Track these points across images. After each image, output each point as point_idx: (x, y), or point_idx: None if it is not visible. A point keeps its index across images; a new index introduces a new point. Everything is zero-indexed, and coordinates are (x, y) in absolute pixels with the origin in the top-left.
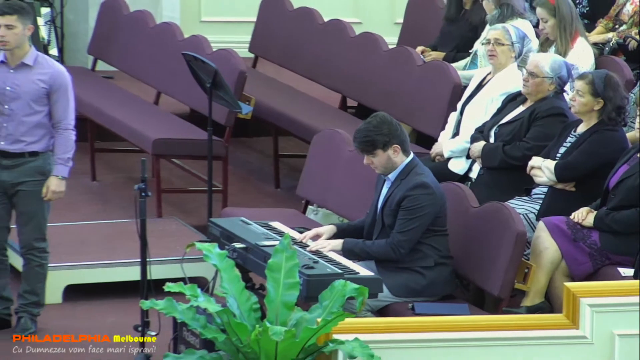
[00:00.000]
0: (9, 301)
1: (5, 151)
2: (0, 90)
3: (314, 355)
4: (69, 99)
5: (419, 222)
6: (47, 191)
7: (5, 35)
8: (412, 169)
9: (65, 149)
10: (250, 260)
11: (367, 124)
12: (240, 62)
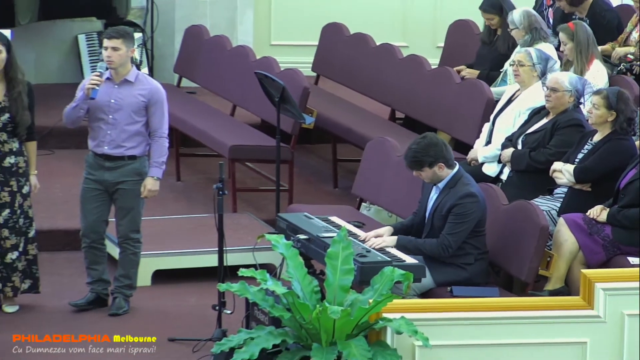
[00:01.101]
0: (107, 283)
1: (108, 155)
2: (105, 102)
3: (366, 331)
4: (164, 112)
5: (466, 226)
6: (144, 190)
7: (112, 56)
8: (459, 180)
9: (160, 153)
10: (312, 250)
11: (416, 145)
12: (304, 80)
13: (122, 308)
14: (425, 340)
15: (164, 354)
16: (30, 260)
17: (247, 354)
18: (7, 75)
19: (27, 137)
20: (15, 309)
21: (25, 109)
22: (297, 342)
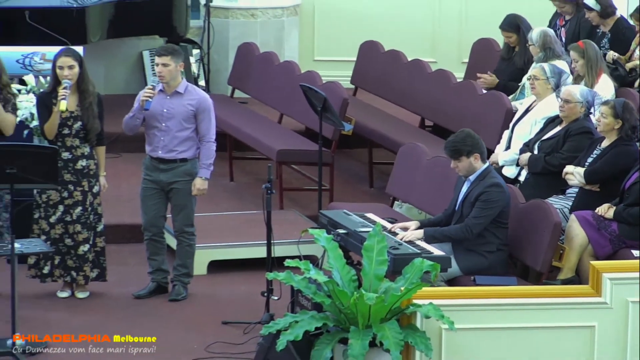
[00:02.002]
0: (166, 272)
1: (162, 158)
2: (159, 112)
3: (398, 316)
4: (211, 119)
5: (490, 212)
6: (194, 188)
7: (162, 72)
8: (488, 173)
9: (208, 156)
10: (350, 243)
11: (455, 136)
12: (344, 91)
13: (180, 294)
14: (451, 323)
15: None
16: (98, 252)
17: (292, 335)
18: (79, 88)
19: (97, 143)
20: (86, 294)
21: (95, 118)
22: (336, 325)
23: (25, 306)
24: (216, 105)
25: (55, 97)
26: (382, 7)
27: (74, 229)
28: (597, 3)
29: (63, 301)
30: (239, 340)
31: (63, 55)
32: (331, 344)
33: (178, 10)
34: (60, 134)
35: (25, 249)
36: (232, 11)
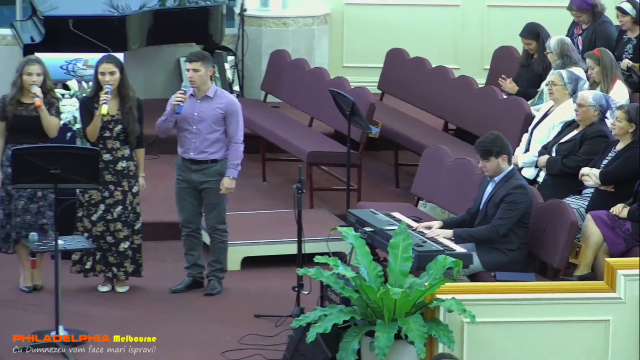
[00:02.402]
0: (201, 267)
1: (194, 159)
2: (190, 115)
3: (422, 310)
4: (239, 121)
5: (515, 213)
6: (222, 187)
7: (193, 77)
8: (513, 175)
9: (236, 157)
10: (377, 240)
11: (486, 138)
12: (371, 96)
13: (215, 289)
14: (472, 317)
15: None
16: (134, 249)
17: (321, 328)
18: (120, 93)
19: (136, 145)
20: (126, 289)
21: (135, 122)
22: (363, 318)
23: (68, 300)
24: (249, 109)
25: (97, 101)
26: (408, 16)
27: (114, 227)
28: (633, 8)
29: (104, 295)
30: (270, 333)
31: (105, 62)
32: (358, 337)
33: (214, 19)
34: (101, 137)
35: (68, 245)
36: (265, 20)
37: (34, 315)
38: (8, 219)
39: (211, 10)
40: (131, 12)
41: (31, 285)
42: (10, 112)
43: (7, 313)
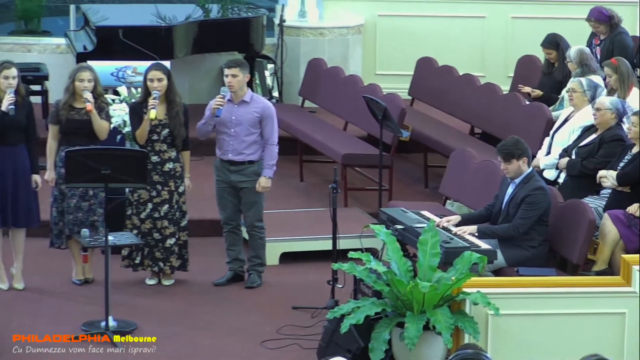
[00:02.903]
0: (242, 262)
1: (232, 160)
2: (227, 119)
3: (449, 302)
4: (274, 124)
5: (535, 212)
6: (259, 186)
7: (231, 82)
8: (532, 177)
9: (271, 157)
10: (407, 237)
11: (507, 141)
12: (402, 102)
13: (255, 282)
14: (496, 310)
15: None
16: (181, 245)
17: (355, 319)
18: (167, 98)
19: (182, 147)
20: (172, 282)
21: (181, 126)
22: (394, 310)
23: (117, 292)
24: (288, 114)
25: (146, 106)
26: (437, 27)
27: (161, 224)
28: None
29: (151, 288)
30: (307, 324)
31: (153, 69)
32: (389, 327)
33: (255, 29)
34: (149, 140)
35: (117, 241)
36: (303, 30)
37: (85, 306)
38: (61, 216)
39: (252, 20)
40: (177, 23)
41: (83, 278)
42: (63, 116)
43: (61, 304)
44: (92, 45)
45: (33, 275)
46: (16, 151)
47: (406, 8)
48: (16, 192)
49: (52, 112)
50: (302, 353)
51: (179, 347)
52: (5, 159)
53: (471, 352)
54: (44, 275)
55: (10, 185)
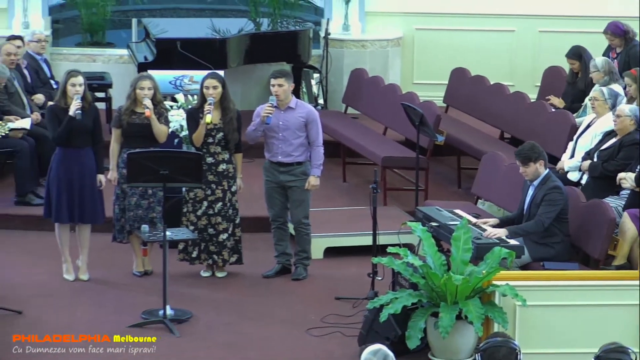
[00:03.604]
0: (289, 256)
1: (281, 162)
2: (276, 124)
3: (480, 294)
4: (318, 127)
5: (555, 209)
6: (308, 185)
7: (278, 91)
8: (549, 178)
9: (318, 158)
10: (442, 233)
11: (524, 146)
12: (437, 109)
13: (301, 275)
14: (523, 301)
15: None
16: (236, 240)
17: (393, 309)
18: (222, 105)
19: (235, 150)
20: (224, 274)
21: (234, 130)
22: (429, 301)
23: (174, 283)
24: (332, 120)
25: (202, 112)
26: (469, 40)
27: (215, 221)
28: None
29: (205, 280)
30: (349, 313)
31: (209, 78)
32: (425, 317)
33: (302, 42)
34: (205, 142)
35: (174, 236)
36: (346, 42)
37: (145, 296)
38: (123, 213)
39: (300, 33)
40: (231, 35)
41: (142, 270)
42: (125, 120)
43: (122, 295)
44: (152, 56)
45: (97, 267)
46: (82, 153)
47: (441, 22)
48: (82, 191)
49: (115, 117)
50: (344, 340)
51: (232, 335)
52: (72, 160)
53: (500, 340)
54: (107, 267)
55: (77, 184)
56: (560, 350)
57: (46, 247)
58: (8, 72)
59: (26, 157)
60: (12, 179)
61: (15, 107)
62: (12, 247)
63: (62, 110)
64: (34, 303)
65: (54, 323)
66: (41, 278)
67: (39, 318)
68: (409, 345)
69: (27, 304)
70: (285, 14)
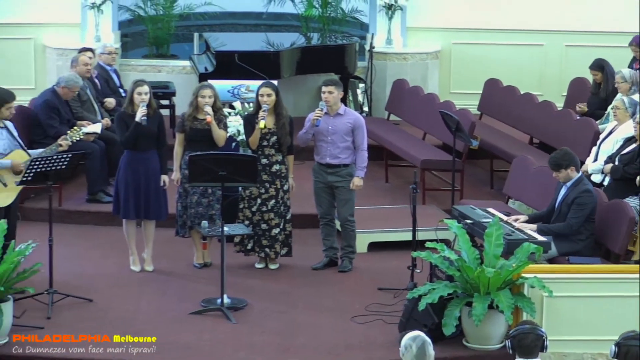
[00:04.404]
0: (336, 250)
1: (329, 164)
2: (325, 128)
3: (510, 286)
4: (364, 133)
5: (584, 212)
6: (353, 185)
7: (328, 97)
8: (581, 181)
9: (362, 161)
10: (475, 230)
11: (556, 153)
12: (472, 116)
13: (347, 267)
14: (550, 292)
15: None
16: (287, 235)
17: (431, 299)
18: (275, 111)
19: (287, 152)
20: (277, 266)
21: (287, 134)
22: (464, 292)
23: (230, 274)
24: (376, 126)
25: (257, 118)
26: (502, 53)
27: (268, 217)
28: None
29: (259, 271)
30: (390, 302)
31: (263, 87)
32: (459, 306)
33: (349, 54)
34: (260, 145)
35: (231, 231)
36: (389, 55)
37: (204, 286)
38: (184, 210)
39: (347, 47)
40: (284, 49)
41: (202, 262)
42: (188, 126)
43: (184, 284)
44: (212, 67)
45: (161, 259)
46: (148, 156)
47: (476, 37)
48: (148, 190)
49: (178, 123)
50: (386, 327)
51: (283, 322)
52: (138, 162)
53: (528, 327)
54: (170, 259)
55: (143, 184)
56: (583, 337)
57: (115, 241)
58: (81, 81)
59: (97, 159)
60: (84, 179)
61: (87, 114)
62: (84, 241)
63: (130, 117)
64: (104, 292)
65: (122, 310)
66: (110, 269)
67: (108, 306)
68: (445, 332)
69: (98, 292)
70: (334, 29)
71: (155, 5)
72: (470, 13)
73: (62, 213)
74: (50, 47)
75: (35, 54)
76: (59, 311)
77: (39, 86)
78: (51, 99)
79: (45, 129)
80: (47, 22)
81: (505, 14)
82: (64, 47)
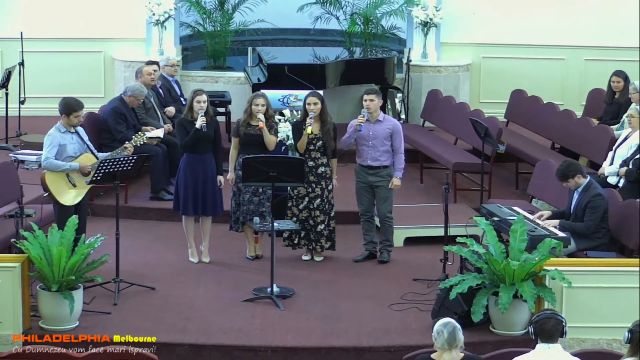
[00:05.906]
0: (375, 244)
1: (370, 166)
2: (366, 133)
3: (533, 277)
4: (401, 137)
5: (598, 214)
6: (392, 185)
7: (369, 105)
8: (590, 185)
9: (400, 163)
10: (502, 226)
11: (561, 166)
12: (500, 123)
13: (385, 259)
14: (569, 283)
15: (409, 288)
16: (330, 230)
17: (461, 289)
18: (321, 118)
19: (332, 155)
20: (321, 259)
21: (331, 139)
22: (491, 282)
23: (280, 265)
24: (412, 132)
25: (305, 124)
26: (527, 66)
27: (314, 214)
28: None
29: (305, 263)
30: (424, 292)
31: (310, 96)
32: (487, 296)
33: (388, 67)
34: (307, 149)
35: (280, 226)
36: (424, 68)
37: (256, 276)
38: (238, 207)
39: (386, 60)
40: (329, 61)
41: (254, 254)
42: (242, 131)
43: (237, 275)
44: (264, 78)
45: (217, 252)
46: (205, 158)
47: (504, 52)
48: (205, 189)
49: (234, 128)
50: (420, 314)
51: (327, 309)
52: (197, 163)
53: (549, 313)
54: (225, 252)
55: (200, 184)
56: (599, 324)
57: (175, 235)
58: (146, 90)
59: (160, 161)
60: (148, 179)
61: (151, 120)
62: (147, 235)
63: (189, 122)
64: (165, 281)
65: (181, 297)
66: (171, 260)
67: (168, 293)
68: (474, 319)
69: (159, 281)
70: (374, 44)
71: (213, 22)
72: (499, 30)
73: (128, 209)
74: (118, 59)
75: (105, 66)
76: (124, 298)
77: (107, 95)
78: (119, 107)
79: (113, 134)
80: (116, 37)
81: (530, 31)
82: (130, 59)
